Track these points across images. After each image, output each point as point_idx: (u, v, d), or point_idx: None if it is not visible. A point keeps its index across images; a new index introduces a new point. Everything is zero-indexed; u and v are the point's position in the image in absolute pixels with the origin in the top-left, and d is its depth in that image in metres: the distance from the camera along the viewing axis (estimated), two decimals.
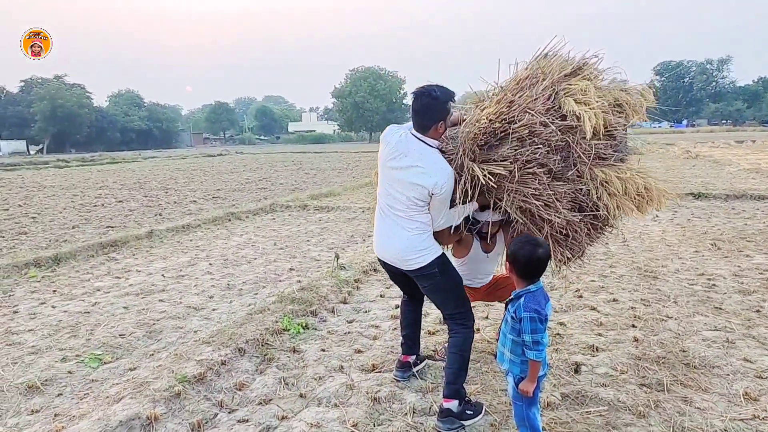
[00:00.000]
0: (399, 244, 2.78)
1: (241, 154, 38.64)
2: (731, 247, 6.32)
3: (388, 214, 2.83)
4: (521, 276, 2.19)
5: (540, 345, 2.09)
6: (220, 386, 3.14)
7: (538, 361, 2.10)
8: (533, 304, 2.11)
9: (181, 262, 6.36)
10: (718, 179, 13.32)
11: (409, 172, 2.68)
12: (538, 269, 2.17)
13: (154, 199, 13.11)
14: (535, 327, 2.08)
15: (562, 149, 2.71)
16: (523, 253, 2.19)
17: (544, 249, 2.22)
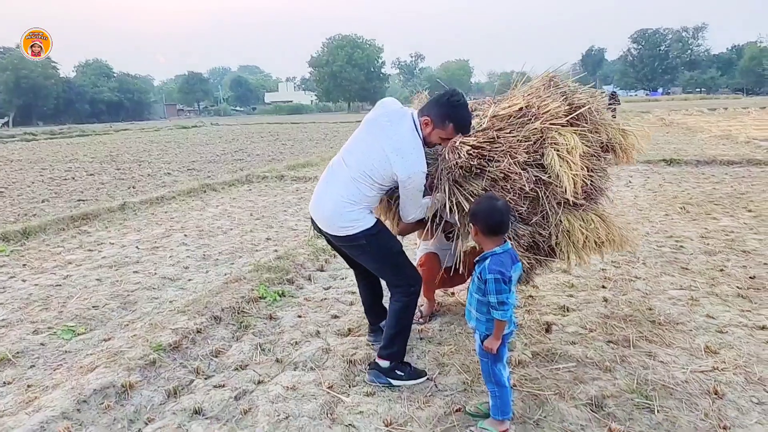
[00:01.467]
0: (328, 206, 2.69)
1: (217, 126, 37.89)
2: (699, 210, 6.48)
3: (335, 171, 2.74)
4: (486, 233, 2.19)
5: (505, 305, 2.11)
6: (196, 353, 3.15)
7: (503, 321, 2.14)
8: (497, 265, 2.13)
9: (155, 234, 6.28)
10: (689, 146, 13.57)
11: (390, 140, 2.58)
12: (501, 224, 2.17)
13: (126, 171, 12.83)
14: (500, 288, 2.11)
15: (534, 198, 2.72)
16: (482, 208, 2.20)
17: (502, 202, 2.24)
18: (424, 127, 2.62)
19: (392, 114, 2.69)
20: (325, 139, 21.39)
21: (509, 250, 2.21)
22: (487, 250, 2.22)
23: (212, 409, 2.58)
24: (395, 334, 2.79)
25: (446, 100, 2.58)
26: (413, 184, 2.59)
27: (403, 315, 2.77)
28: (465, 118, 2.60)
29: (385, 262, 2.81)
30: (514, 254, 2.24)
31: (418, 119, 2.65)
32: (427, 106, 2.65)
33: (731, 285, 3.95)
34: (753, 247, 4.90)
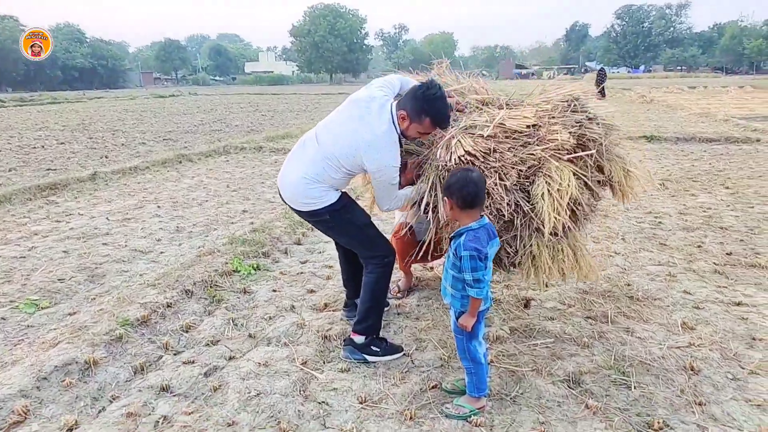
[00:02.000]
0: (292, 180, 2.61)
1: (195, 96, 36.91)
2: (678, 186, 6.51)
3: (306, 146, 2.66)
4: (460, 206, 2.10)
5: (481, 283, 2.04)
6: (165, 328, 3.04)
7: (479, 298, 2.07)
8: (473, 242, 2.04)
9: (127, 205, 6.07)
10: (670, 123, 13.63)
11: (365, 131, 2.46)
12: (476, 196, 2.07)
13: (99, 141, 12.40)
14: (475, 265, 2.03)
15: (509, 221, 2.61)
16: (455, 180, 2.10)
17: (477, 173, 2.14)
18: (401, 122, 2.48)
19: (373, 102, 2.54)
20: (306, 111, 20.98)
21: (486, 225, 2.12)
22: (462, 226, 2.13)
23: (180, 386, 2.49)
24: (369, 307, 2.72)
25: (421, 93, 2.42)
26: (384, 177, 2.51)
27: (376, 287, 2.70)
28: (441, 112, 2.44)
29: (352, 236, 2.75)
30: (492, 229, 2.15)
31: (396, 112, 2.51)
32: (404, 99, 2.50)
33: (708, 261, 3.97)
34: (730, 223, 4.92)
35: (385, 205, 2.69)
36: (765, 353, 2.68)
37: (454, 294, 2.15)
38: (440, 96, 2.43)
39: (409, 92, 2.50)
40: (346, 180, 2.65)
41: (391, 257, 2.72)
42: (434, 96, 2.41)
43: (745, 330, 2.91)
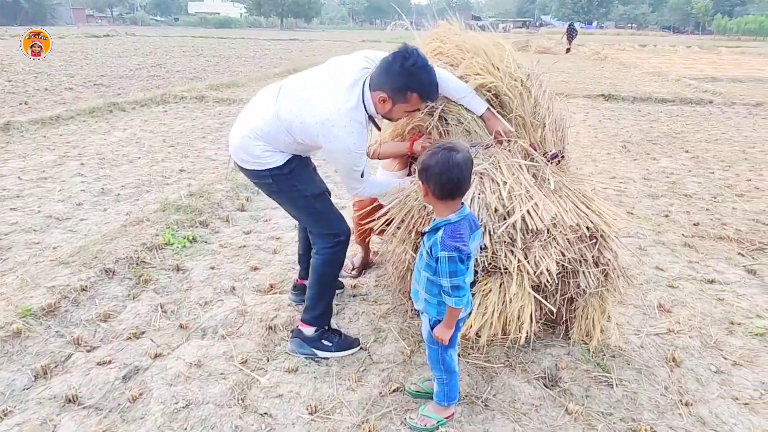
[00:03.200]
0: (239, 133, 2.21)
1: (133, 36, 34.09)
2: (639, 149, 6.37)
3: (264, 101, 2.21)
4: (438, 196, 1.68)
5: (461, 290, 1.67)
6: (78, 318, 2.57)
7: (460, 308, 1.71)
8: (453, 239, 1.62)
9: (44, 162, 5.34)
10: (625, 81, 13.60)
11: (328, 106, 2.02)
12: (459, 183, 1.65)
13: (19, 84, 11.12)
14: (455, 269, 1.62)
15: None
16: (435, 162, 1.63)
17: (463, 153, 1.64)
18: (381, 105, 2.07)
19: (347, 75, 2.08)
20: (255, 58, 19.71)
21: (467, 216, 1.72)
22: (439, 218, 1.73)
23: (92, 394, 2.07)
24: (316, 294, 2.36)
25: (400, 67, 1.97)
26: (343, 161, 2.12)
27: (324, 271, 2.33)
28: (429, 83, 2.05)
29: (299, 206, 2.34)
30: (473, 220, 1.75)
31: (370, 94, 2.07)
32: (378, 78, 2.05)
33: (677, 233, 3.81)
34: (693, 190, 4.81)
35: (351, 191, 2.29)
36: (744, 340, 2.52)
37: (428, 299, 1.78)
38: (423, 64, 2.00)
39: (381, 68, 2.03)
40: (297, 147, 2.21)
41: (344, 237, 2.32)
42: (417, 66, 1.98)
43: (723, 313, 2.75)
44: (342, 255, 2.35)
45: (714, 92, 11.33)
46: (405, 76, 1.99)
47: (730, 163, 5.78)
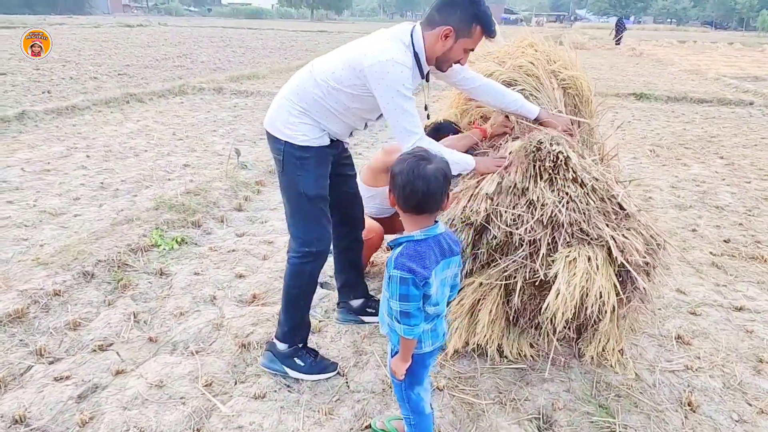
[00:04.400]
0: (274, 101, 2.14)
1: (165, 26, 34.53)
2: (669, 154, 5.98)
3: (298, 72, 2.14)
4: (402, 207, 1.47)
5: (412, 318, 1.42)
6: (45, 326, 2.43)
7: (410, 338, 1.47)
8: (410, 259, 1.40)
9: (51, 153, 5.29)
10: (660, 79, 13.01)
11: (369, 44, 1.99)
12: (424, 198, 1.42)
13: (46, 73, 11.23)
14: (406, 292, 1.40)
15: None
16: (401, 168, 1.43)
17: (435, 165, 1.42)
18: (442, 43, 1.97)
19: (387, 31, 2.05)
20: (281, 48, 19.65)
21: (437, 236, 1.48)
22: (406, 232, 1.51)
23: (42, 415, 1.92)
24: (285, 306, 2.16)
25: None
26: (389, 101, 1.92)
27: (290, 284, 2.13)
28: (491, 15, 1.98)
29: (289, 197, 2.12)
30: (450, 243, 1.51)
31: (423, 36, 1.99)
32: (439, 13, 1.96)
33: (704, 250, 3.48)
34: (726, 202, 4.43)
35: (405, 141, 2.00)
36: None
37: (390, 324, 1.56)
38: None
39: (442, 5, 1.97)
40: (341, 114, 2.06)
41: (315, 250, 2.09)
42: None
43: (750, 348, 2.44)
44: (310, 269, 2.13)
45: (756, 92, 10.69)
46: (472, 6, 1.93)
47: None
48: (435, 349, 1.58)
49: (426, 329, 1.54)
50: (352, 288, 2.56)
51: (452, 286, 1.59)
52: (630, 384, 2.15)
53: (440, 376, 2.17)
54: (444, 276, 1.50)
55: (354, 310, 2.56)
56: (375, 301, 2.59)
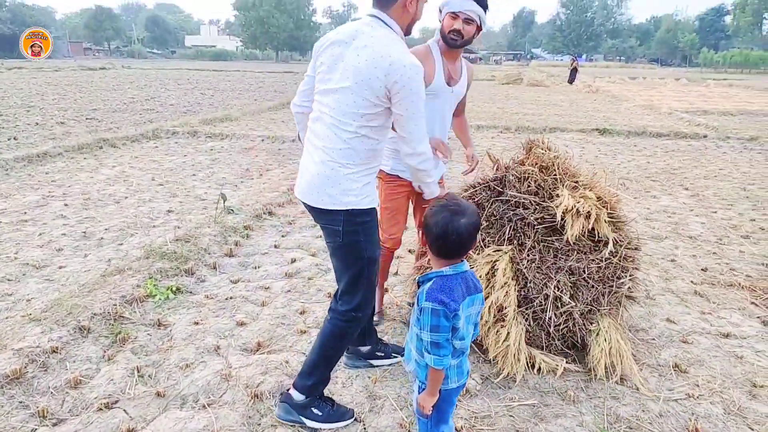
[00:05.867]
0: (312, 170, 2.00)
1: (129, 69, 34.37)
2: (638, 186, 6.28)
3: (313, 129, 2.04)
4: (436, 254, 1.58)
5: (441, 349, 1.52)
6: (45, 386, 2.35)
7: (438, 369, 1.55)
8: (440, 292, 1.51)
9: (27, 202, 5.16)
10: (618, 114, 13.69)
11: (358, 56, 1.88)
12: (457, 249, 1.55)
13: (10, 119, 10.98)
14: (437, 323, 1.49)
15: None
16: (436, 221, 1.54)
17: (467, 219, 1.54)
18: (410, 8, 1.96)
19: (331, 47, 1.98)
20: (250, 90, 19.80)
21: (465, 273, 1.58)
22: (434, 268, 1.60)
23: None
24: (315, 362, 2.15)
25: None
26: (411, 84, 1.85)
27: (330, 344, 2.13)
28: None
29: (347, 264, 2.08)
30: (473, 279, 1.61)
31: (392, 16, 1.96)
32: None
33: (685, 279, 3.65)
34: (698, 231, 4.67)
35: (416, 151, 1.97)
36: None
37: (418, 360, 1.61)
38: None
39: None
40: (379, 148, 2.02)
41: (361, 315, 2.12)
42: None
43: (743, 373, 2.56)
44: (353, 332, 2.16)
45: (707, 126, 11.38)
46: None
47: (732, 202, 5.68)
48: (461, 385, 1.63)
49: (452, 365, 1.60)
50: (364, 335, 2.57)
51: (475, 324, 1.66)
52: (639, 415, 2.23)
53: (456, 416, 2.20)
54: (469, 312, 1.58)
55: (363, 355, 2.57)
56: (384, 344, 2.62)
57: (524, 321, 2.47)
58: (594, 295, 2.51)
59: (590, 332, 2.50)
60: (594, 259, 2.52)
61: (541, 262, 2.51)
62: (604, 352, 2.43)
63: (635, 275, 2.64)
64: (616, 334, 2.47)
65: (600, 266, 2.52)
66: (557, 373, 2.45)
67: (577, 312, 2.48)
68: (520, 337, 2.42)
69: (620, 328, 2.53)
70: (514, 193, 2.57)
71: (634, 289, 2.65)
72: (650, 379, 2.50)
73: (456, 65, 2.66)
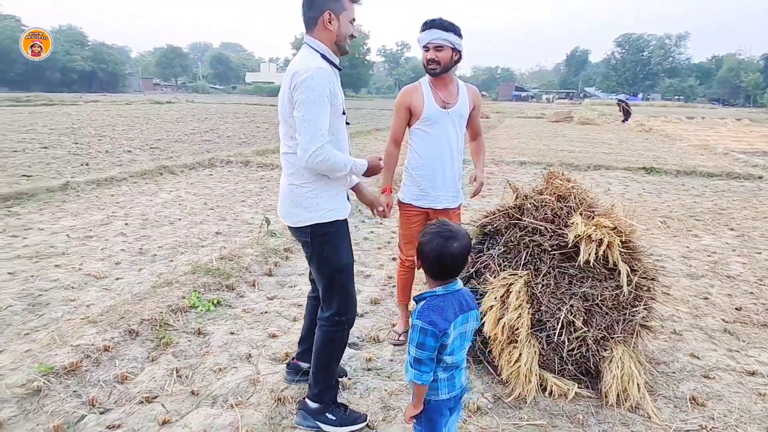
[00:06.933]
0: (281, 193, 2.32)
1: (192, 103, 36.64)
2: (680, 225, 6.17)
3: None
4: (432, 276, 1.72)
5: (422, 366, 1.63)
6: (96, 379, 2.63)
7: (418, 383, 1.67)
8: (431, 311, 1.64)
9: (93, 221, 5.66)
10: (669, 154, 13.39)
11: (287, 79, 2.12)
12: (452, 270, 1.69)
13: (84, 146, 11.99)
14: (423, 341, 1.61)
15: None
16: (431, 247, 1.67)
17: (459, 242, 1.67)
18: (330, 26, 2.15)
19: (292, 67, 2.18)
20: None
21: (458, 292, 1.71)
22: (429, 288, 1.75)
23: None
24: (316, 372, 2.35)
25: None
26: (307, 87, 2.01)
27: (322, 350, 2.32)
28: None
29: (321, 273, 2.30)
30: (467, 299, 1.73)
31: (316, 36, 2.17)
32: (311, 11, 2.15)
33: (716, 317, 3.60)
34: (737, 272, 4.57)
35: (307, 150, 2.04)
36: None
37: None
38: None
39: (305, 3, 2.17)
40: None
41: (344, 319, 2.31)
42: None
43: (763, 410, 2.53)
44: (341, 336, 2.34)
45: (765, 167, 10.97)
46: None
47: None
48: (452, 398, 1.75)
49: (443, 378, 1.73)
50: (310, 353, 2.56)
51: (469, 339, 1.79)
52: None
53: (464, 430, 2.30)
54: (464, 329, 1.71)
55: (305, 371, 2.62)
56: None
57: (537, 344, 2.55)
58: (608, 322, 2.57)
59: (604, 358, 2.55)
60: (608, 286, 2.60)
61: (556, 287, 2.60)
62: (616, 378, 2.47)
63: (651, 305, 2.68)
64: (629, 362, 2.51)
65: (614, 294, 2.59)
66: (568, 396, 2.51)
67: (590, 338, 2.55)
68: (533, 359, 2.51)
69: (634, 357, 2.57)
70: (531, 220, 2.70)
71: (650, 318, 2.69)
72: (664, 410, 2.51)
73: (450, 89, 2.87)
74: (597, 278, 2.62)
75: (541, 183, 2.99)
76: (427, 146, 2.86)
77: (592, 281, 2.61)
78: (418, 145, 2.90)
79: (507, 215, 2.83)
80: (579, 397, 2.55)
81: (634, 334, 2.60)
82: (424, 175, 2.89)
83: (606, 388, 2.49)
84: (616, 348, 2.55)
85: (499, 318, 2.52)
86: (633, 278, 2.59)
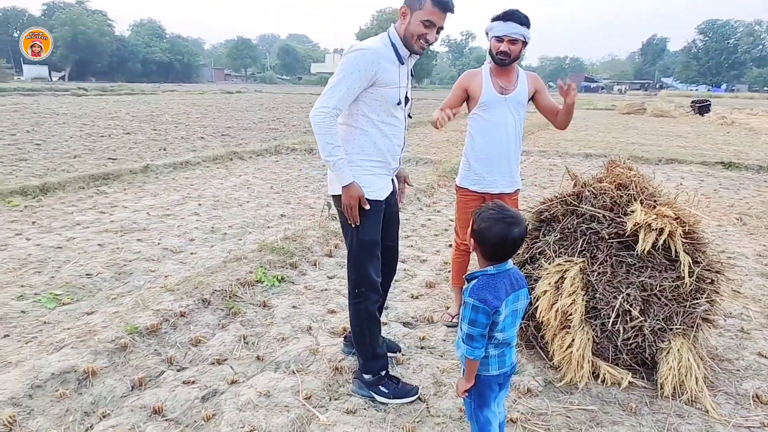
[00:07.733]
0: None
1: (260, 93, 37.95)
2: (758, 223, 5.82)
3: None
4: (488, 258, 1.76)
5: (474, 342, 1.69)
6: (174, 340, 2.89)
7: (470, 358, 1.73)
8: (482, 289, 1.68)
9: (170, 201, 6.09)
10: (752, 149, 12.52)
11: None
12: (510, 253, 1.74)
13: (162, 133, 12.79)
14: (475, 318, 1.67)
15: None
16: (495, 232, 1.69)
17: (520, 228, 1.70)
18: (402, 20, 2.24)
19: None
20: None
21: (508, 271, 1.76)
22: (480, 267, 1.80)
23: (174, 409, 2.32)
24: (355, 344, 2.52)
25: None
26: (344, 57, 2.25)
27: (354, 322, 2.48)
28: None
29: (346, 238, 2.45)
30: (517, 276, 1.78)
31: (398, 22, 2.30)
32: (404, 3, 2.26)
33: None
34: None
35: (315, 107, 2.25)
36: None
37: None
38: None
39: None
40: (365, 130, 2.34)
41: (361, 290, 2.39)
42: None
43: None
44: (364, 308, 2.40)
45: None
46: None
47: None
48: (502, 374, 1.81)
49: (494, 355, 1.79)
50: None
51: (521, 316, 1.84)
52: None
53: (514, 409, 2.36)
54: (515, 307, 1.77)
55: None
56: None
57: (591, 331, 2.56)
58: (667, 313, 2.53)
59: (661, 350, 2.52)
60: (668, 276, 2.55)
61: (612, 275, 2.59)
62: (672, 370, 2.44)
63: (714, 299, 2.61)
64: (687, 354, 2.47)
65: (674, 285, 2.54)
66: (622, 385, 2.51)
67: (647, 328, 2.52)
68: (586, 346, 2.52)
69: (694, 350, 2.52)
70: (588, 207, 2.69)
71: (712, 312, 2.62)
72: (724, 405, 2.45)
73: (509, 77, 2.89)
74: (656, 268, 2.58)
75: (602, 172, 2.95)
76: (485, 132, 2.90)
77: (651, 271, 2.57)
78: (476, 131, 2.95)
79: (564, 202, 2.83)
80: (633, 386, 2.54)
81: (695, 326, 2.55)
82: (481, 160, 2.94)
83: (662, 380, 2.46)
84: (675, 340, 2.51)
85: (552, 303, 2.54)
86: (695, 269, 2.53)
